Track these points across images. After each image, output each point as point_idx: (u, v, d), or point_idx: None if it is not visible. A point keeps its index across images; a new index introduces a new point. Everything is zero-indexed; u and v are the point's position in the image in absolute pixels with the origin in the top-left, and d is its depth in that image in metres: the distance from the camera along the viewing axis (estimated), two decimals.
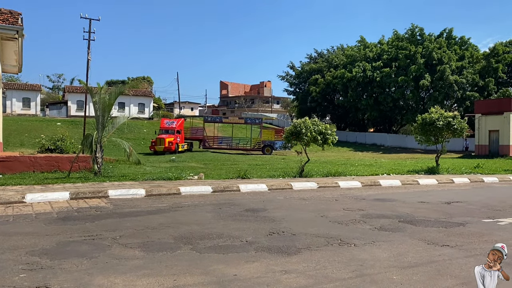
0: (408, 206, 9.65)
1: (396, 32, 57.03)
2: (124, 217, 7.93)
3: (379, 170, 18.38)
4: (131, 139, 36.36)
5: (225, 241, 6.16)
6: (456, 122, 17.64)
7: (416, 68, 49.05)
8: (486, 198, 11.46)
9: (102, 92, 14.35)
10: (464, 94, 49.46)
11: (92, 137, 13.76)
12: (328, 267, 4.95)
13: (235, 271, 4.78)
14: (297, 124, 15.69)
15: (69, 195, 9.93)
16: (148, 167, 18.26)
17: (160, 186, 11.67)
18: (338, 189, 12.96)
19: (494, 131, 38.22)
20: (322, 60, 65.73)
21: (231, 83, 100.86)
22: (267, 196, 11.23)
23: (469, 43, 55.04)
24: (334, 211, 8.92)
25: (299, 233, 6.71)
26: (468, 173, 18.38)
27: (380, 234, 6.73)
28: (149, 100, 62.08)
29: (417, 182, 14.79)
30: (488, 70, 50.57)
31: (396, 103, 52.73)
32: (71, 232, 6.53)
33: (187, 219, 7.82)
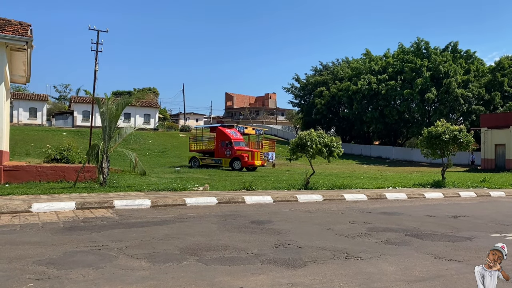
0: (414, 220, 9.60)
1: (401, 45, 57.33)
2: (130, 227, 7.94)
3: (385, 183, 18.31)
4: (136, 150, 36.48)
5: (231, 253, 6.15)
6: (462, 135, 17.60)
7: (422, 81, 49.14)
8: (493, 212, 11.38)
9: (109, 103, 14.47)
10: (470, 108, 49.43)
11: (98, 147, 13.84)
12: (335, 281, 4.92)
13: (241, 283, 4.76)
14: (302, 136, 15.70)
15: (75, 205, 9.96)
16: (153, 178, 18.30)
17: (166, 197, 11.68)
18: (344, 202, 12.92)
19: (500, 145, 38.12)
20: (327, 73, 66.02)
21: (236, 95, 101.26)
22: (272, 208, 11.21)
23: (474, 56, 55.21)
24: (340, 224, 8.89)
25: (305, 245, 6.68)
26: (474, 187, 18.27)
27: (386, 248, 6.69)
28: (154, 111, 62.48)
29: (423, 196, 14.71)
30: (494, 83, 50.60)
31: (402, 116, 52.74)
32: (77, 242, 6.55)
33: (192, 230, 7.82)
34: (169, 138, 52.32)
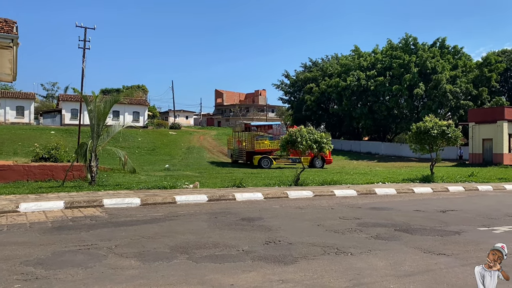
0: (403, 215, 9.67)
1: (390, 41, 57.53)
2: (119, 226, 7.88)
3: (374, 179, 18.42)
4: (126, 148, 36.25)
5: (221, 250, 6.13)
6: (451, 130, 17.76)
7: (410, 77, 49.43)
8: (481, 206, 11.50)
9: (97, 101, 14.33)
10: (458, 103, 49.84)
11: (86, 145, 13.70)
12: (325, 276, 4.94)
13: (231, 280, 4.75)
14: (292, 132, 15.72)
15: (64, 204, 9.86)
16: (143, 176, 18.20)
17: (155, 195, 11.62)
18: (334, 198, 12.97)
19: (487, 139, 38.54)
20: (317, 69, 66.09)
21: (226, 92, 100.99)
22: (263, 204, 11.21)
23: (462, 52, 55.63)
24: (330, 219, 8.91)
25: (296, 242, 6.69)
26: (462, 181, 18.46)
27: (376, 243, 6.73)
28: (143, 108, 62.04)
29: (412, 191, 14.82)
30: (481, 79, 51.08)
31: (391, 112, 53.01)
32: (66, 242, 6.48)
33: (183, 228, 7.78)
34: (159, 136, 52.03)
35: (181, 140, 51.82)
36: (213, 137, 56.11)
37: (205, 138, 55.03)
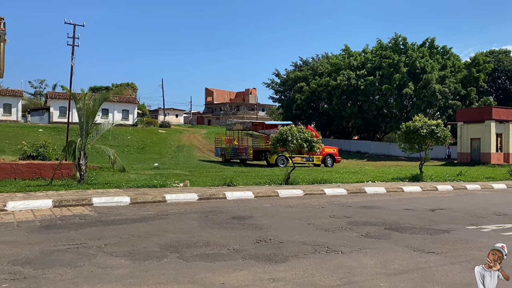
0: (393, 214, 9.73)
1: (380, 41, 57.81)
2: (109, 225, 7.82)
3: (364, 178, 18.51)
4: (115, 146, 35.95)
5: (212, 249, 6.11)
6: (440, 130, 17.90)
7: (400, 76, 49.74)
8: (469, 205, 11.62)
9: (86, 99, 14.20)
10: (447, 103, 50.29)
11: (75, 144, 13.56)
12: (316, 275, 4.94)
13: (222, 279, 4.73)
14: (283, 131, 15.73)
15: (52, 203, 9.75)
16: (133, 175, 18.07)
17: (145, 194, 11.55)
18: (324, 197, 13.00)
19: (475, 139, 38.95)
20: (307, 68, 66.17)
21: (216, 90, 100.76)
22: (253, 203, 11.20)
23: (451, 52, 56.11)
24: (321, 218, 8.94)
25: (286, 240, 6.69)
26: (451, 180, 18.64)
27: (366, 242, 6.76)
28: (133, 106, 61.66)
29: (401, 190, 14.93)
30: (470, 79, 51.61)
31: (380, 111, 53.31)
32: (54, 241, 6.41)
33: (173, 227, 7.74)
34: (148, 134, 51.77)
35: (171, 138, 51.62)
36: (203, 135, 55.96)
37: (195, 136, 54.88)
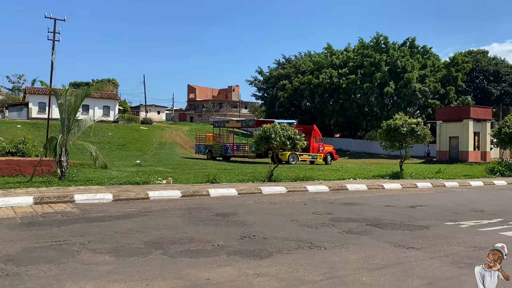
0: (374, 210, 9.90)
1: (361, 40, 58.35)
2: (91, 222, 7.77)
3: (346, 175, 18.73)
4: (96, 143, 35.49)
5: (196, 245, 6.14)
6: (420, 128, 18.23)
7: (381, 75, 50.36)
8: (447, 202, 11.90)
9: (67, 94, 14.01)
10: (426, 102, 51.12)
11: (56, 140, 13.39)
12: (300, 270, 5.03)
13: (207, 275, 4.78)
14: (266, 129, 15.80)
15: (33, 199, 9.62)
16: (114, 172, 17.91)
17: (128, 191, 11.48)
18: (307, 193, 13.13)
19: (454, 137, 39.71)
20: (290, 66, 66.43)
21: (199, 87, 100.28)
22: (237, 200, 11.25)
23: (430, 52, 57.00)
24: (304, 215, 9.04)
25: (270, 237, 6.77)
26: (430, 178, 19.01)
27: (348, 237, 6.88)
28: (114, 103, 60.90)
29: (382, 187, 15.17)
30: (449, 78, 52.55)
31: (361, 109, 53.93)
32: (37, 238, 6.34)
33: (157, 224, 7.74)
34: (130, 131, 51.26)
35: (153, 135, 51.24)
36: (186, 132, 55.68)
37: (177, 133, 54.56)
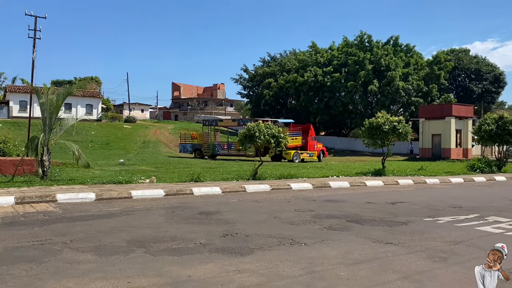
0: (355, 207, 10.08)
1: (346, 38, 58.92)
2: (74, 221, 7.77)
3: (329, 172, 18.94)
4: (78, 142, 35.14)
5: (179, 243, 6.21)
6: (401, 126, 18.52)
7: (365, 73, 50.90)
8: (427, 198, 12.16)
9: (49, 93, 13.89)
10: (410, 100, 51.83)
11: (38, 139, 13.28)
12: (280, 266, 5.14)
13: (189, 272, 4.85)
14: (250, 127, 15.89)
15: (14, 199, 9.56)
16: (97, 171, 17.81)
17: (111, 190, 11.46)
18: (290, 191, 13.27)
19: (436, 135, 40.36)
20: (275, 64, 66.63)
21: (183, 85, 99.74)
22: (220, 198, 11.33)
23: (414, 50, 57.77)
24: (286, 212, 9.17)
25: (252, 234, 6.87)
26: (412, 175, 19.33)
27: (329, 234, 7.02)
28: (97, 101, 60.26)
29: (364, 184, 15.39)
30: (432, 77, 53.34)
31: (346, 107, 54.43)
32: (18, 238, 6.33)
33: (139, 222, 7.77)
34: (113, 130, 50.86)
35: (137, 134, 50.94)
36: (170, 131, 55.46)
37: (161, 132, 54.32)
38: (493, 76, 58.93)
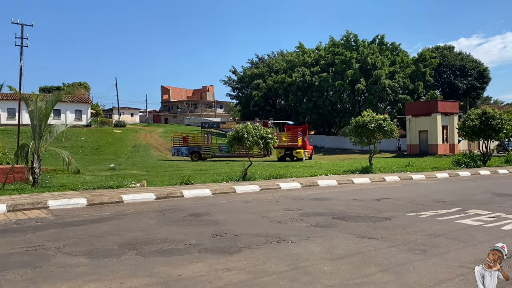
0: (342, 204, 10.35)
1: (332, 38, 59.37)
2: (66, 226, 7.92)
3: (318, 171, 19.21)
4: (68, 148, 35.12)
5: (169, 245, 6.40)
6: (387, 124, 18.86)
7: (352, 73, 51.37)
8: (412, 194, 12.47)
9: (38, 101, 13.96)
10: (397, 97, 52.38)
11: (28, 147, 13.34)
12: (267, 263, 5.36)
13: (179, 271, 5.06)
14: (239, 129, 16.10)
15: (6, 207, 9.66)
16: (88, 176, 17.90)
17: (102, 195, 11.60)
18: (279, 191, 13.51)
19: (423, 131, 40.90)
20: (263, 65, 66.96)
21: (172, 88, 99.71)
22: (210, 200, 11.52)
23: (399, 48, 58.38)
24: (275, 211, 9.40)
25: (241, 233, 7.08)
26: (399, 171, 19.68)
27: (315, 231, 7.27)
28: (86, 106, 60.08)
29: (352, 181, 15.69)
30: (417, 74, 53.95)
31: (334, 107, 54.87)
32: (11, 244, 6.48)
33: (131, 226, 7.95)
34: (103, 135, 50.74)
35: (127, 138, 50.86)
36: (160, 134, 55.44)
37: (151, 135, 54.28)
38: (478, 72, 59.74)
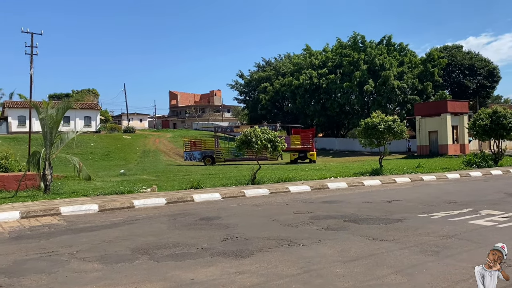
0: (353, 207, 10.32)
1: (339, 40, 59.26)
2: (79, 232, 7.99)
3: (328, 174, 19.16)
4: (78, 154, 35.38)
5: (181, 249, 6.44)
6: (396, 125, 18.78)
7: (360, 74, 51.25)
8: (423, 195, 12.39)
9: (48, 108, 14.12)
10: (406, 98, 52.15)
11: (39, 154, 13.50)
12: (279, 266, 5.37)
13: (192, 275, 5.09)
14: (247, 133, 16.13)
15: (20, 214, 9.78)
16: (99, 182, 18.04)
17: (113, 201, 11.68)
18: (289, 194, 13.50)
19: (433, 131, 40.59)
20: (270, 68, 67.09)
21: (180, 93, 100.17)
22: (220, 204, 11.55)
23: (407, 49, 58.14)
24: (285, 215, 9.40)
25: (252, 237, 7.10)
26: (409, 172, 19.56)
27: (326, 234, 7.26)
28: (95, 113, 60.55)
29: (362, 184, 15.62)
30: (426, 74, 53.68)
31: (342, 108, 54.75)
32: (26, 250, 6.56)
33: (142, 231, 8.00)
34: (113, 141, 51.07)
35: (136, 143, 51.15)
36: (169, 139, 55.70)
37: (160, 141, 54.54)
38: (487, 71, 59.26)
